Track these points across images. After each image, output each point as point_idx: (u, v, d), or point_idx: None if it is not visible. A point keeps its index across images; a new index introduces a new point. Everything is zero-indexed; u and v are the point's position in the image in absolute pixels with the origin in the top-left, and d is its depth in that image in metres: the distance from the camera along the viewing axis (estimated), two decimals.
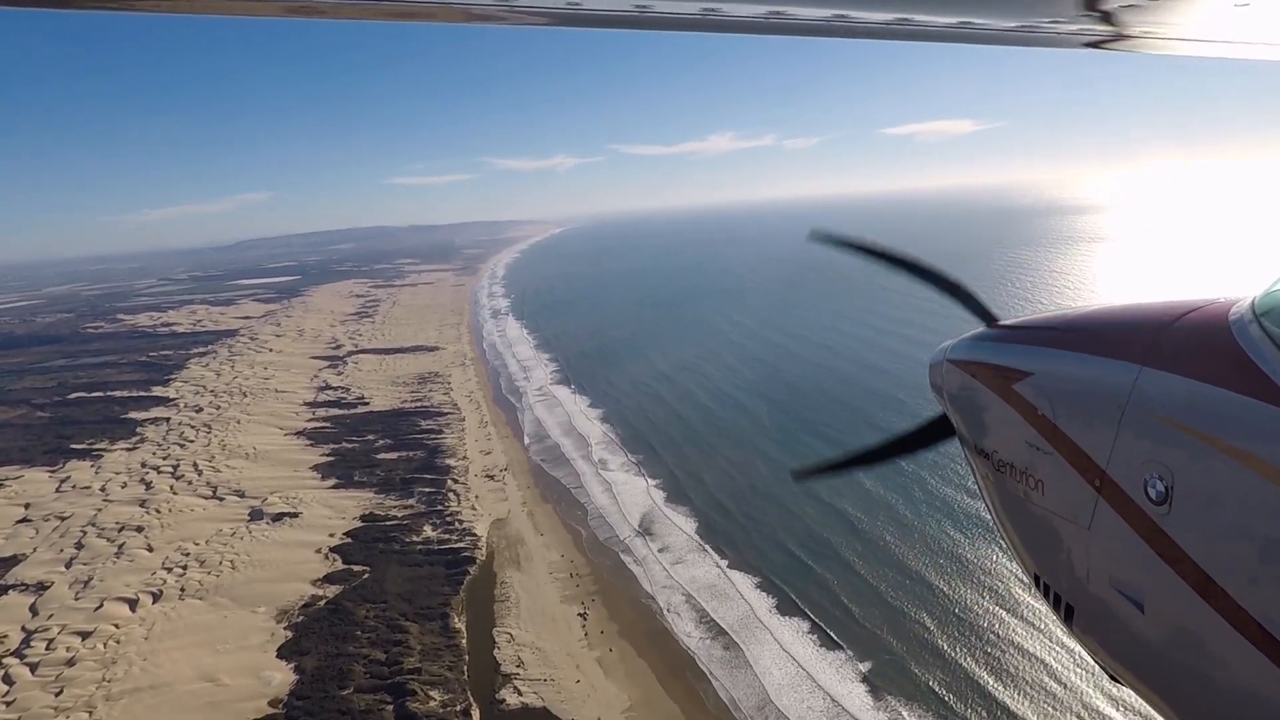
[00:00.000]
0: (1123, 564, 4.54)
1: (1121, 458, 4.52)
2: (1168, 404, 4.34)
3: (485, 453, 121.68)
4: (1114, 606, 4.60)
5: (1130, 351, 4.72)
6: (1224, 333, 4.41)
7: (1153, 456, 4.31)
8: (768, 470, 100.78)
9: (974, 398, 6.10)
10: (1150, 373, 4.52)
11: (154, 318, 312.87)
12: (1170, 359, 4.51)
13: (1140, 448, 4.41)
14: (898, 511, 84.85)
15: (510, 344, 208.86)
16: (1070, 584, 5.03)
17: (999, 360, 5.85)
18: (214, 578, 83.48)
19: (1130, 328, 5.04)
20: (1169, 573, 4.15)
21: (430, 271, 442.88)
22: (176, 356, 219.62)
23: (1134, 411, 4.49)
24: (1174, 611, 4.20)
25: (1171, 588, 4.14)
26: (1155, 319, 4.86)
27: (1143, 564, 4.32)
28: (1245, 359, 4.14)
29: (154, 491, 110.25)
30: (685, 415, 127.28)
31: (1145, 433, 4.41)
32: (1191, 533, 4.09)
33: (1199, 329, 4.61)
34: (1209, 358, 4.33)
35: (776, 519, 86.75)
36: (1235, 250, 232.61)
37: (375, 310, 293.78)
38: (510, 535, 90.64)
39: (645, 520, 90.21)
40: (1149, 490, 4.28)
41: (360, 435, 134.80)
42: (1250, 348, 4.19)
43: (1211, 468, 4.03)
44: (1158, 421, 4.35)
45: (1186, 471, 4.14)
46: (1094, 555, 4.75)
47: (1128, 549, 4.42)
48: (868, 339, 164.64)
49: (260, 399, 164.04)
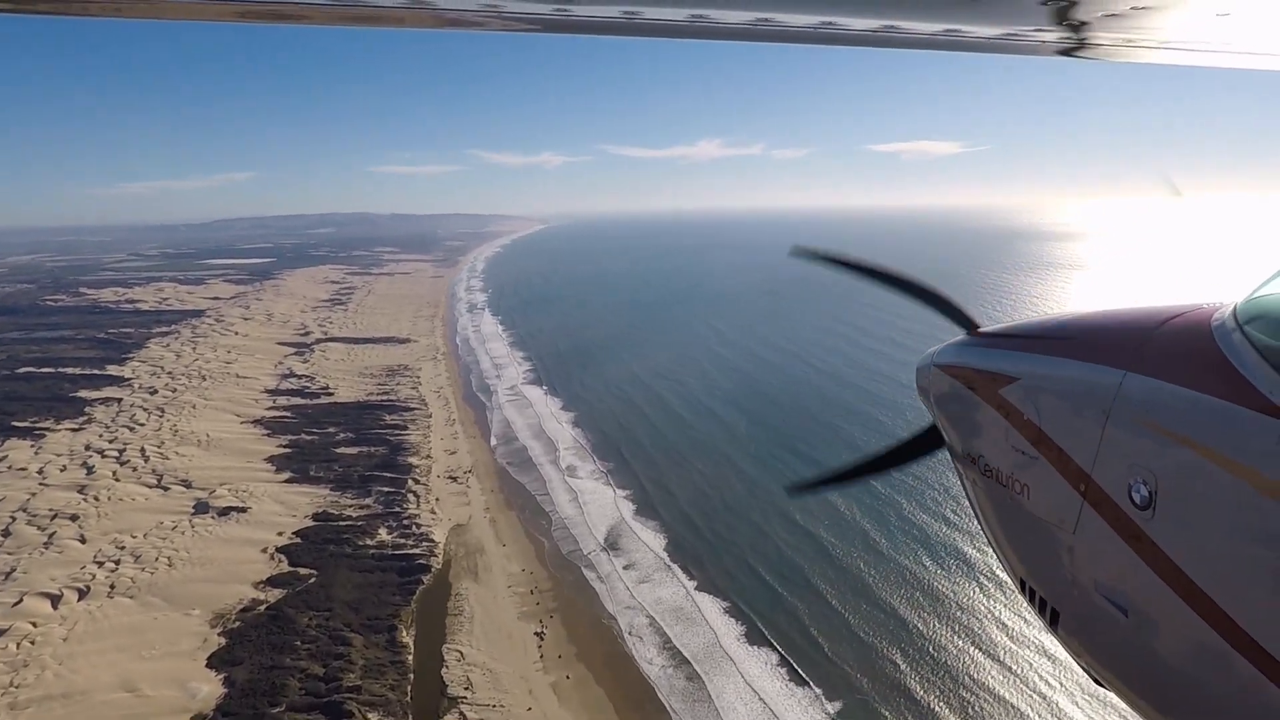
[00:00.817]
0: (1107, 568, 4.52)
1: (1106, 462, 4.51)
2: (1151, 409, 4.33)
3: (450, 452, 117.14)
4: (1098, 610, 4.57)
5: (1115, 357, 4.72)
6: (1207, 338, 4.40)
7: (1137, 461, 4.30)
8: (741, 486, 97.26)
9: (961, 402, 6.08)
10: (1134, 378, 4.51)
11: (119, 293, 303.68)
12: (1154, 364, 4.50)
13: (1124, 452, 4.40)
14: (871, 538, 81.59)
15: (485, 340, 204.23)
16: (1055, 588, 5.00)
17: (986, 365, 5.83)
18: (148, 575, 78.16)
19: (1115, 333, 5.03)
20: (1152, 577, 4.14)
21: (409, 261, 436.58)
22: (137, 335, 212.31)
23: (1118, 416, 4.48)
24: (1157, 615, 4.19)
25: (1155, 592, 4.12)
26: (1140, 324, 4.88)
27: (1126, 568, 4.31)
28: (1227, 365, 4.14)
29: (95, 477, 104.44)
30: (658, 424, 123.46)
31: (1129, 437, 4.40)
32: (1175, 537, 4.09)
33: (1182, 334, 4.60)
34: (1192, 363, 4.32)
35: (747, 539, 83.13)
36: (1199, 284, 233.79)
37: (349, 298, 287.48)
38: (470, 543, 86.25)
39: (611, 534, 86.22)
40: (1133, 495, 4.27)
41: (321, 427, 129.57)
42: (1232, 353, 4.19)
43: (1194, 472, 4.01)
44: (1142, 426, 4.35)
45: (1170, 476, 4.13)
46: (1078, 559, 4.72)
47: (1112, 553, 4.41)
48: (848, 355, 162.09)
49: (220, 384, 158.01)
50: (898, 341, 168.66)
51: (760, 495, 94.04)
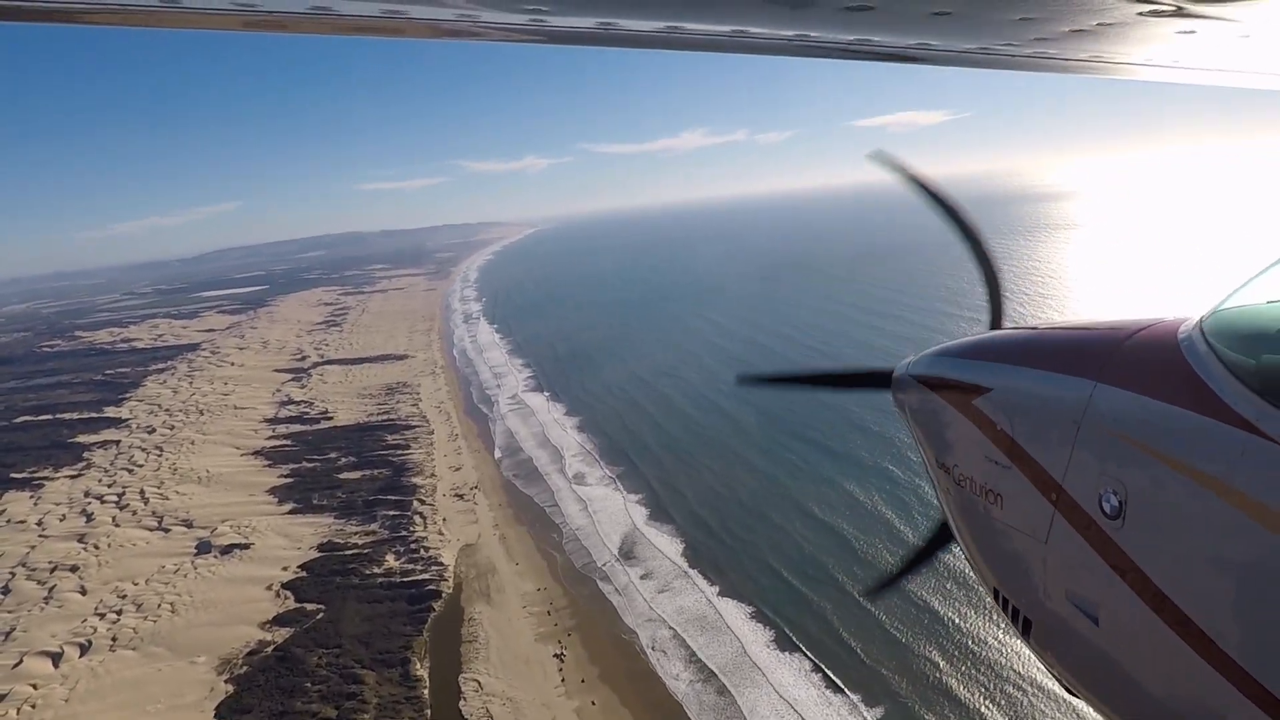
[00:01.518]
0: (1078, 577, 4.56)
1: (1077, 472, 4.55)
2: (1121, 420, 4.39)
3: (455, 469, 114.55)
4: (1069, 620, 4.61)
5: (1085, 368, 4.75)
6: (1174, 350, 4.46)
7: (1107, 471, 4.35)
8: (753, 481, 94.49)
9: (935, 413, 6.11)
10: (1104, 389, 4.55)
11: (114, 334, 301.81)
12: (1123, 376, 4.54)
13: (1095, 463, 4.44)
14: (895, 528, 78.80)
15: (482, 349, 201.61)
16: (1028, 597, 5.02)
17: (959, 376, 5.87)
18: (150, 624, 75.60)
19: (1086, 345, 5.09)
20: (1122, 586, 4.18)
21: (401, 276, 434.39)
22: (134, 374, 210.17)
23: (1089, 427, 4.52)
24: (1127, 624, 4.24)
25: (1124, 601, 4.17)
26: (1109, 336, 4.93)
27: (1097, 577, 4.34)
28: (1194, 376, 4.19)
29: (95, 524, 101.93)
30: (663, 423, 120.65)
31: (1099, 448, 4.45)
32: (1144, 547, 4.13)
33: (1150, 347, 4.65)
34: (1159, 374, 4.38)
35: (766, 538, 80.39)
36: (1198, 232, 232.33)
37: (343, 319, 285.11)
38: (480, 563, 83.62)
39: (625, 543, 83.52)
40: (1103, 505, 4.31)
41: (322, 453, 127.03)
42: (1198, 365, 4.24)
43: (1162, 482, 4.07)
44: (1111, 437, 4.39)
45: (1139, 486, 4.18)
46: (1050, 569, 4.75)
47: (1083, 562, 4.45)
48: (852, 336, 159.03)
49: (218, 417, 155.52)
50: (899, 317, 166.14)
51: (774, 490, 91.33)
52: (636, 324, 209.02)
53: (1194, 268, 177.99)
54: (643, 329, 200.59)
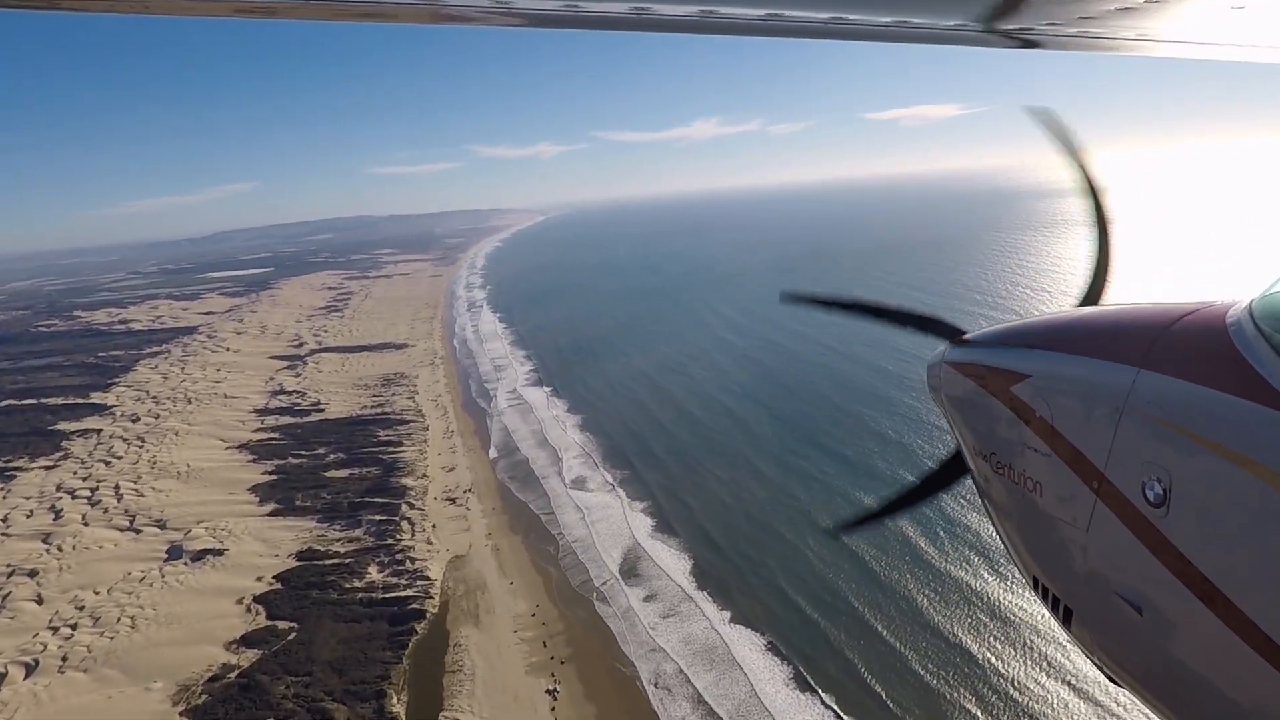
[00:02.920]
0: (1120, 566, 4.44)
1: (1119, 460, 4.43)
2: (1165, 406, 4.25)
3: (448, 469, 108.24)
4: (1112, 609, 4.49)
5: (1128, 354, 4.62)
6: (1221, 336, 4.32)
7: (1150, 459, 4.23)
8: (763, 493, 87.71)
9: (972, 400, 5.94)
10: (1148, 375, 4.43)
11: (112, 314, 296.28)
12: (1168, 362, 4.41)
13: (1138, 450, 4.32)
14: (917, 548, 72.04)
15: (484, 340, 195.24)
16: (1068, 586, 4.91)
17: (997, 362, 5.71)
18: (106, 641, 69.43)
19: (1128, 330, 4.94)
20: (1166, 575, 4.07)
21: (408, 262, 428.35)
22: (126, 357, 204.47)
23: (1131, 414, 4.40)
24: (1171, 614, 4.12)
25: (1169, 590, 4.06)
26: (1153, 322, 4.77)
27: (1140, 566, 4.23)
28: (1242, 362, 4.06)
29: (62, 522, 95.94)
30: (668, 424, 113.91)
31: (1143, 435, 4.32)
32: (1189, 535, 4.01)
33: (1196, 332, 4.50)
34: (1206, 361, 4.25)
35: (777, 558, 73.72)
36: (1224, 231, 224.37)
37: (346, 304, 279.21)
38: (470, 578, 77.22)
39: (626, 559, 76.97)
40: (1147, 493, 4.20)
41: (310, 448, 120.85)
42: (1247, 351, 4.11)
43: (1209, 470, 3.95)
44: (1155, 424, 4.26)
45: (1184, 474, 4.06)
46: (1092, 557, 4.64)
47: (1125, 551, 4.34)
48: (868, 335, 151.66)
49: (206, 406, 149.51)
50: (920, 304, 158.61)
51: (786, 503, 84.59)
52: (645, 315, 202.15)
53: (1229, 267, 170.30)
54: (651, 321, 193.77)
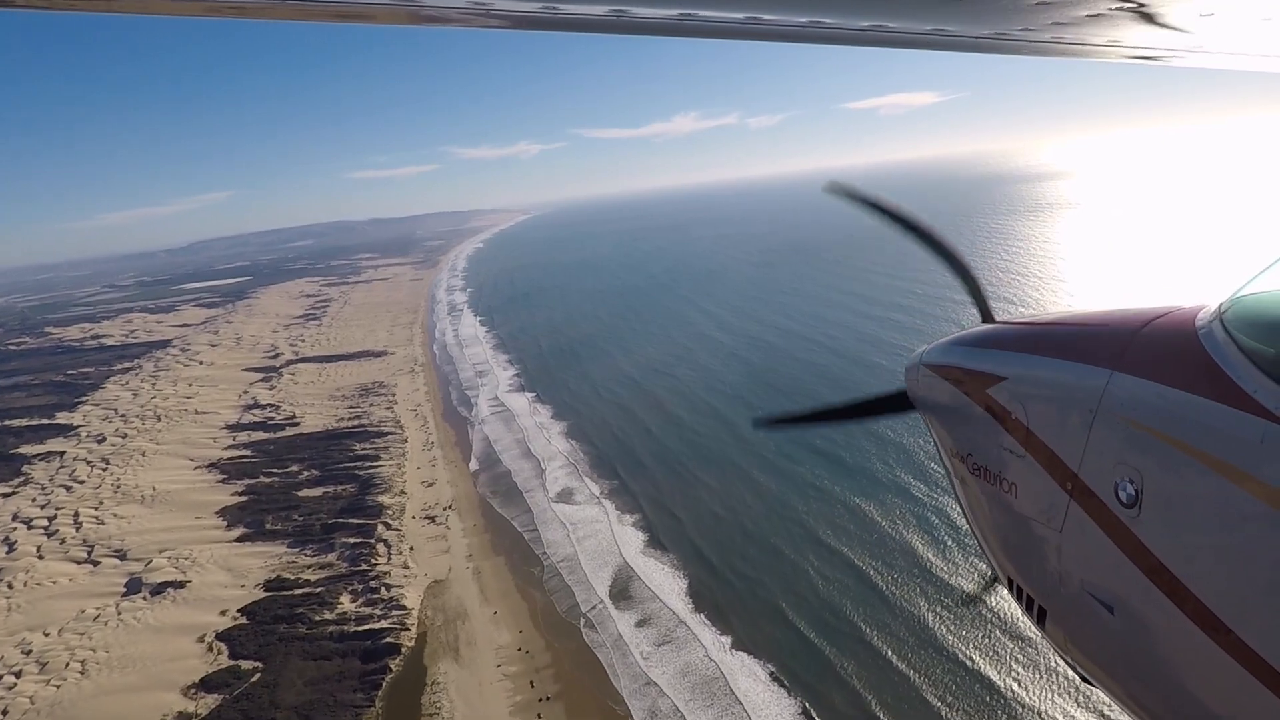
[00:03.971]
0: (1093, 566, 4.48)
1: (1092, 461, 4.48)
2: (1137, 408, 4.31)
3: (427, 484, 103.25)
4: (1084, 608, 4.54)
5: (1101, 357, 4.68)
6: (1191, 339, 4.37)
7: (1123, 460, 4.28)
8: (759, 504, 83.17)
9: (950, 402, 5.97)
10: (1120, 377, 4.48)
11: (85, 329, 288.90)
12: (1140, 364, 4.47)
13: (1110, 451, 4.37)
14: (928, 564, 67.76)
15: (465, 345, 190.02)
16: (1042, 586, 4.95)
17: (973, 365, 5.77)
18: (53, 689, 64.09)
19: (1101, 333, 4.99)
20: (1138, 575, 4.12)
21: (388, 266, 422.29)
22: (96, 374, 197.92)
23: (1105, 416, 4.45)
24: (1143, 613, 4.17)
25: (1140, 590, 4.11)
26: (1125, 325, 4.84)
27: (1112, 566, 4.28)
28: (1212, 364, 4.12)
29: (15, 555, 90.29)
30: (656, 430, 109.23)
31: (1115, 437, 4.37)
32: (1160, 535, 4.06)
33: (1167, 334, 4.56)
34: (1176, 363, 4.30)
35: (776, 577, 69.16)
36: (1195, 214, 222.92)
37: (324, 312, 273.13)
38: (449, 606, 72.33)
39: (616, 581, 72.24)
40: (1119, 493, 4.25)
41: (283, 465, 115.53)
42: (1216, 353, 4.16)
43: (1179, 471, 3.99)
44: (1127, 425, 4.31)
45: (1155, 475, 4.11)
46: (1065, 557, 4.68)
47: (1098, 551, 4.38)
48: (856, 327, 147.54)
49: (176, 423, 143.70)
50: (906, 307, 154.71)
51: (783, 514, 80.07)
52: (629, 315, 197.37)
53: (1193, 247, 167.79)
54: (635, 321, 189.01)
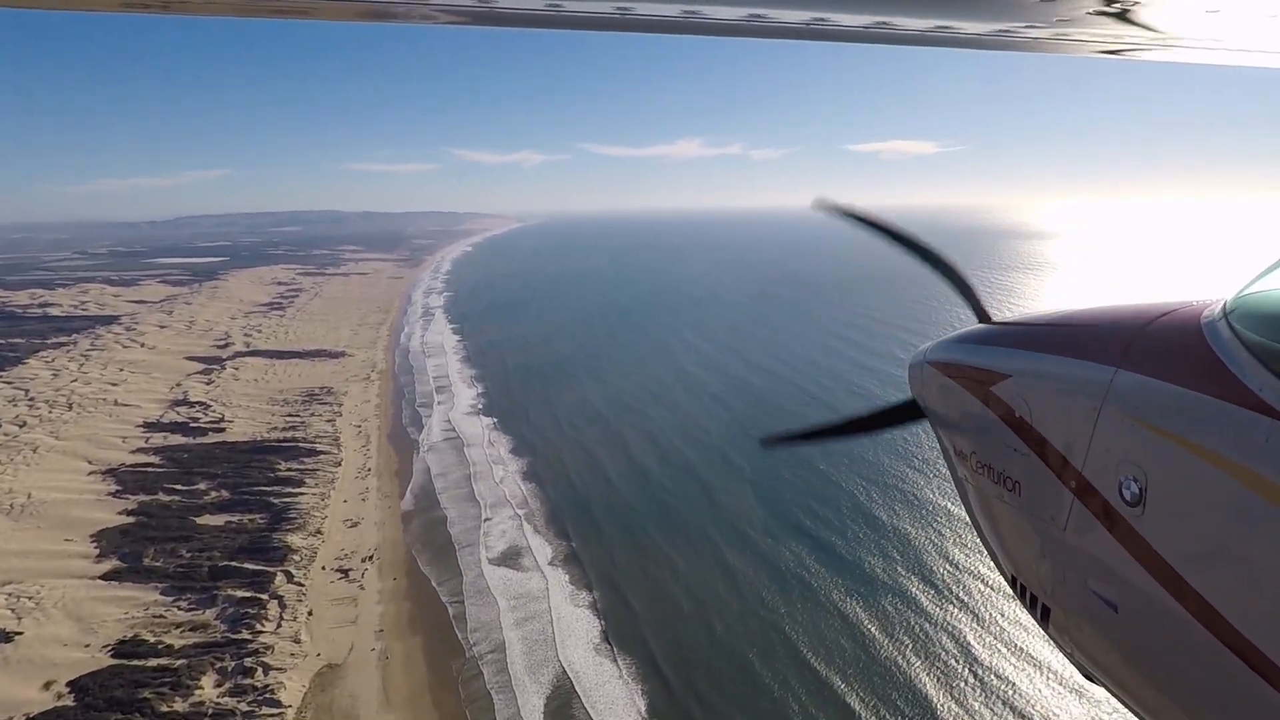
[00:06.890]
0: (1097, 565, 4.50)
1: (1096, 459, 4.50)
2: (1141, 406, 4.32)
3: (350, 524, 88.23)
4: (1088, 607, 4.57)
5: (1106, 354, 4.69)
6: (1196, 335, 4.39)
7: (1127, 458, 4.28)
8: (733, 598, 68.80)
9: (953, 400, 6.04)
10: (1125, 375, 4.50)
11: (34, 295, 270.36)
12: (1144, 361, 4.48)
13: (1115, 449, 4.38)
14: (934, 702, 53.63)
15: (430, 354, 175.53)
16: (1046, 585, 4.99)
17: (978, 362, 5.80)
18: None
19: (1106, 330, 5.01)
20: (1142, 574, 4.13)
21: (370, 260, 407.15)
22: (25, 346, 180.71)
23: (1109, 414, 4.47)
24: (1147, 612, 4.19)
25: (1145, 589, 4.12)
26: (1130, 321, 4.85)
27: (1117, 565, 4.30)
28: (1216, 361, 4.13)
29: None
30: (621, 484, 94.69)
31: (1120, 435, 4.38)
32: (1164, 534, 4.07)
33: (1172, 332, 4.58)
34: (1181, 360, 4.32)
35: (750, 710, 54.69)
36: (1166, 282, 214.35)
37: (291, 301, 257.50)
38: (337, 708, 57.24)
39: (553, 696, 57.24)
40: (1123, 492, 4.26)
41: (189, 482, 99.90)
42: (1221, 350, 4.18)
43: (1184, 469, 4.00)
44: (1132, 423, 4.32)
45: (1159, 473, 4.12)
46: (1069, 556, 4.72)
47: (1102, 550, 4.41)
48: (851, 380, 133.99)
49: (88, 415, 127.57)
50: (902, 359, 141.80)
51: (761, 616, 65.78)
52: (610, 338, 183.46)
53: None
54: (615, 346, 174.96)
